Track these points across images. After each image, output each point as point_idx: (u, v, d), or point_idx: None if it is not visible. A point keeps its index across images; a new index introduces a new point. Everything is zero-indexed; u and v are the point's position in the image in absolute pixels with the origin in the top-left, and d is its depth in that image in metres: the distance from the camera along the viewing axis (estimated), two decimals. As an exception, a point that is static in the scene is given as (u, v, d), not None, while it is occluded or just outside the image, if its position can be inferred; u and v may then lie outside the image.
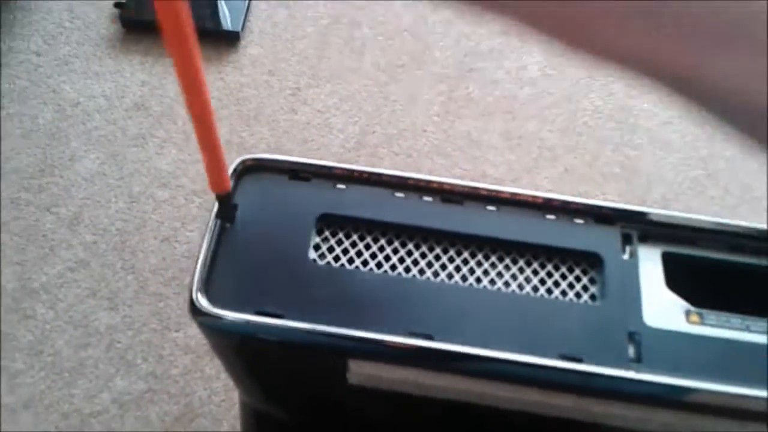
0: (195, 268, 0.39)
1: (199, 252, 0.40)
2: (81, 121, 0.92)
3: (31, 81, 0.95)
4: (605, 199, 0.99)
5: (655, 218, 0.44)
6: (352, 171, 0.44)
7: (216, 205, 0.41)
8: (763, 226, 0.43)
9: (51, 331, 0.79)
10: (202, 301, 0.38)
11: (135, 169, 0.88)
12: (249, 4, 1.03)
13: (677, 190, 0.94)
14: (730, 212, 0.93)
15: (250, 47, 1.00)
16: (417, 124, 0.97)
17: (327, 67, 1.00)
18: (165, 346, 0.77)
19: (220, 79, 0.97)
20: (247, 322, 0.38)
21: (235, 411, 0.76)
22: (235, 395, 0.76)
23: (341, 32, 1.04)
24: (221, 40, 0.99)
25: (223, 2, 1.01)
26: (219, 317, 0.38)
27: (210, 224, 0.41)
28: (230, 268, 0.40)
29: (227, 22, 0.99)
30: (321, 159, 1.00)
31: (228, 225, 0.41)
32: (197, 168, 0.88)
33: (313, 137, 0.94)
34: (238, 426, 0.75)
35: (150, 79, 0.96)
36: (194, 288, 0.39)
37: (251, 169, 0.43)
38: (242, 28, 1.00)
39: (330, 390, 0.44)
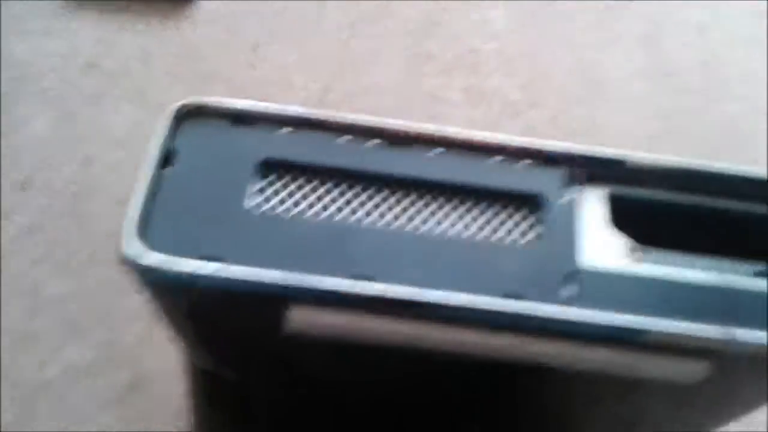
0: (127, 213, 0.38)
1: (133, 197, 0.39)
2: (34, 81, 0.90)
3: (-20, 39, 0.92)
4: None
5: (599, 158, 0.43)
6: (296, 115, 0.43)
7: (153, 150, 0.41)
8: (706, 164, 0.44)
9: (0, 299, 0.77)
10: (135, 247, 0.37)
11: (89, 130, 0.86)
12: (206, -42, 1.00)
13: (639, 144, 0.94)
14: (691, 165, 0.94)
15: (208, 2, 0.98)
16: (379, 81, 0.96)
17: (287, 23, 0.98)
18: (116, 314, 0.76)
19: (177, 35, 0.94)
20: (187, 268, 0.37)
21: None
22: (191, 360, 0.76)
23: (301, -13, 1.02)
24: (177, -5, 0.96)
25: (178, -44, 0.98)
26: (153, 266, 0.37)
27: (146, 169, 0.40)
28: (169, 214, 0.39)
29: (183, -24, 0.96)
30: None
31: (166, 170, 0.41)
32: (153, 127, 0.86)
33: (273, 95, 0.92)
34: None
35: (105, 36, 0.93)
36: (125, 234, 0.38)
37: (192, 113, 0.42)
38: (199, -17, 0.97)
39: (272, 342, 0.44)
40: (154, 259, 0.37)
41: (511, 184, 0.43)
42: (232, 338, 0.45)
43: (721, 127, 0.96)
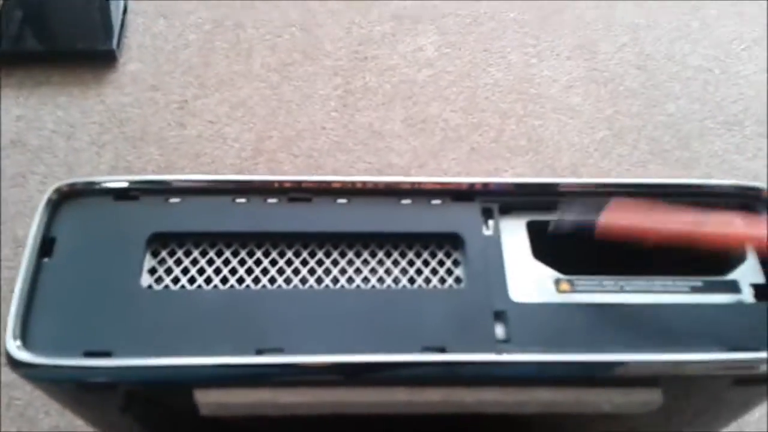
0: (9, 314, 0.35)
1: (13, 296, 0.36)
2: (-45, 167, 0.86)
3: None
4: (514, 174, 0.97)
5: (511, 188, 0.41)
6: (184, 182, 0.40)
7: (29, 241, 0.37)
8: (625, 180, 0.41)
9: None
10: (19, 351, 0.34)
11: (17, 211, 0.83)
12: (124, 18, 0.98)
13: (585, 154, 0.92)
14: (642, 169, 0.92)
15: (130, 64, 0.95)
16: (315, 122, 0.94)
17: (214, 75, 0.96)
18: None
19: (100, 102, 0.91)
20: (72, 367, 0.34)
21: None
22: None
23: (226, 36, 1.00)
24: (97, 60, 0.94)
25: (95, 20, 0.96)
26: (39, 366, 0.34)
27: (23, 263, 0.37)
28: (52, 309, 0.36)
29: (101, 40, 0.94)
30: (215, 172, 0.93)
31: (46, 260, 0.37)
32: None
33: (206, 150, 0.89)
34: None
35: (26, 113, 0.90)
36: (8, 337, 0.35)
37: (69, 195, 0.39)
38: (118, 45, 0.95)
39: (192, 426, 0.40)
40: (35, 360, 0.34)
41: (426, 226, 0.40)
42: (144, 426, 0.42)
43: (665, 126, 0.95)
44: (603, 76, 0.99)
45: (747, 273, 0.40)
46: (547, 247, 0.40)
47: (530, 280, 0.39)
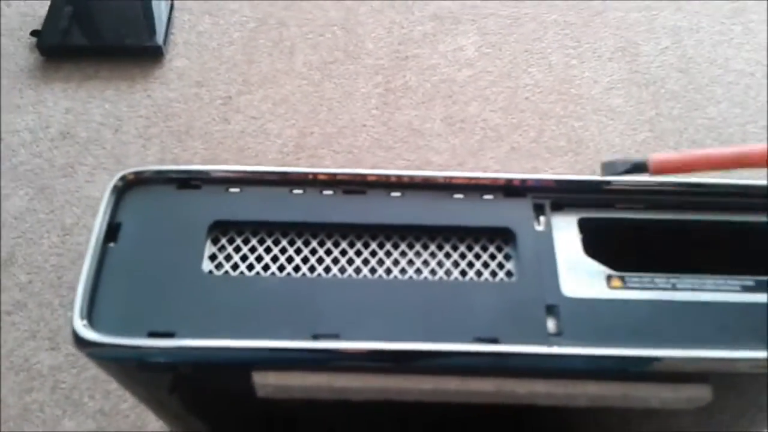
0: (76, 295, 0.37)
1: (80, 278, 0.37)
2: (6, 158, 0.89)
3: (-49, 122, 0.92)
4: (554, 174, 0.97)
5: (564, 185, 0.41)
6: (244, 172, 0.42)
7: (96, 226, 0.39)
8: (676, 179, 0.41)
9: (-4, 376, 0.75)
10: (86, 330, 0.36)
11: (66, 201, 0.85)
12: (171, 15, 1.00)
13: (629, 154, 0.92)
14: (682, 171, 0.91)
15: (176, 60, 0.97)
16: (356, 119, 0.95)
17: (257, 72, 0.97)
18: (111, 381, 0.74)
19: (147, 97, 0.93)
20: (135, 347, 0.35)
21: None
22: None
23: (269, 34, 1.01)
24: (144, 56, 0.96)
25: (143, 17, 0.98)
26: (105, 345, 0.35)
27: (90, 247, 0.38)
28: (116, 291, 0.38)
29: (148, 37, 0.96)
30: (258, 166, 0.96)
31: (111, 245, 0.39)
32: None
33: (249, 145, 0.91)
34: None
35: (74, 106, 0.93)
36: (76, 317, 0.36)
37: (134, 183, 0.41)
38: (165, 42, 0.97)
39: (244, 408, 0.41)
40: (101, 339, 0.35)
41: (478, 220, 0.41)
42: (199, 406, 0.43)
43: (706, 130, 0.94)
44: (644, 78, 0.99)
45: (799, 274, 0.40)
46: (599, 243, 0.40)
47: (582, 275, 0.39)
